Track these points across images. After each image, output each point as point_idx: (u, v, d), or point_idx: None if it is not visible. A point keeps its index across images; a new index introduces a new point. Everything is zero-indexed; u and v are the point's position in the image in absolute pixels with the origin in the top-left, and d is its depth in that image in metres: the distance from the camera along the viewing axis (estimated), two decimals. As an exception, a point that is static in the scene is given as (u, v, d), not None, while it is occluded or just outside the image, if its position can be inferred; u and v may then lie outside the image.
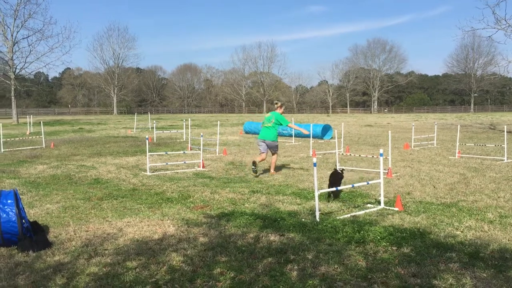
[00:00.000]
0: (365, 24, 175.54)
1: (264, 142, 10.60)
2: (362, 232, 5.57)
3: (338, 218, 6.32)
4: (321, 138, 20.62)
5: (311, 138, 15.43)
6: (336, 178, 7.88)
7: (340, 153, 12.63)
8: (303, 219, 6.27)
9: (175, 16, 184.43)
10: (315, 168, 6.19)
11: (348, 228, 5.75)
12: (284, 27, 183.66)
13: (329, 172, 10.51)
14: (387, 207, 6.95)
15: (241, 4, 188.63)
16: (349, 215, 6.53)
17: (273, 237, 5.48)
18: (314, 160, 6.23)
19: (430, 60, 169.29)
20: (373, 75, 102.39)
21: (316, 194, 6.24)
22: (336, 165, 10.98)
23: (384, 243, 5.19)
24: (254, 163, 10.28)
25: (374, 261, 4.67)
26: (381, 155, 7.34)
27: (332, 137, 21.01)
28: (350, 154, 13.20)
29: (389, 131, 11.73)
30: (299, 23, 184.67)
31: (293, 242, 5.27)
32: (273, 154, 10.74)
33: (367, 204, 7.30)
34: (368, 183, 7.70)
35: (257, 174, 10.34)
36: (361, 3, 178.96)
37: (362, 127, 32.62)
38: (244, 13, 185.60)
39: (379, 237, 5.37)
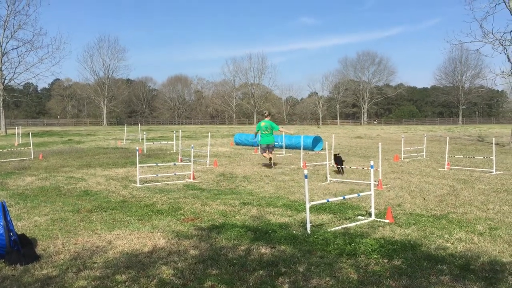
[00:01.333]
0: (355, 37, 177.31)
1: (268, 146, 14.04)
2: (353, 244, 5.56)
3: (329, 230, 6.31)
4: (312, 149, 20.65)
5: (301, 150, 15.45)
6: (339, 159, 11.94)
7: (331, 165, 12.65)
8: (294, 231, 6.25)
9: (166, 27, 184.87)
10: (306, 180, 6.19)
11: (339, 240, 5.74)
12: (275, 38, 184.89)
13: (319, 183, 10.55)
14: (378, 219, 6.96)
15: (233, 16, 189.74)
16: (340, 227, 6.52)
17: (264, 250, 5.45)
18: (305, 172, 6.23)
19: (418, 72, 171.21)
20: (363, 87, 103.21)
21: (307, 206, 6.23)
22: (326, 176, 11.00)
23: (375, 256, 5.19)
24: (270, 159, 13.95)
25: (365, 273, 4.66)
26: (371, 167, 7.37)
27: (322, 149, 21.06)
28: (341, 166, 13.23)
29: (379, 143, 11.79)
30: (290, 35, 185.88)
31: (284, 255, 5.24)
32: (271, 152, 14.13)
33: (358, 216, 7.30)
34: (358, 195, 7.71)
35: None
36: (352, 16, 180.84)
37: (352, 138, 32.78)
38: (235, 25, 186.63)
39: (370, 250, 5.37)
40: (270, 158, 14.04)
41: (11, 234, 5.09)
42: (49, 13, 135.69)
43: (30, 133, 23.52)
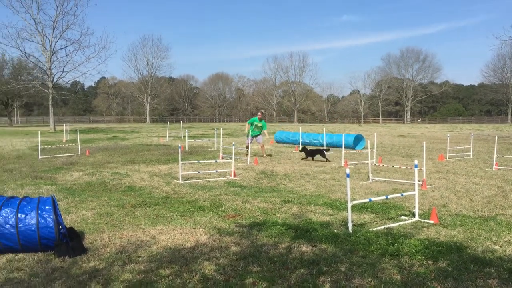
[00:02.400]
0: (398, 33, 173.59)
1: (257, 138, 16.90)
2: (396, 244, 5.46)
3: (371, 230, 6.22)
4: (353, 148, 20.40)
5: (343, 148, 15.29)
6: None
7: (373, 164, 12.46)
8: (335, 230, 6.20)
9: (208, 26, 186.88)
10: (347, 178, 6.12)
11: (382, 240, 5.65)
12: (316, 36, 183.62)
13: (361, 182, 10.41)
14: (422, 220, 6.80)
15: (274, 14, 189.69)
16: (382, 227, 6.41)
17: (305, 248, 5.43)
18: (347, 170, 6.16)
19: (465, 69, 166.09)
20: (406, 84, 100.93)
21: (349, 205, 6.16)
22: (368, 175, 10.84)
23: (420, 257, 5.08)
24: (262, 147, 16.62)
25: (409, 275, 4.57)
26: (415, 166, 7.20)
27: (364, 147, 20.77)
28: (383, 165, 13.00)
29: (424, 142, 11.51)
30: (332, 32, 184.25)
31: (325, 254, 5.21)
32: (263, 145, 17.00)
33: (401, 216, 7.16)
34: (402, 195, 7.55)
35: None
36: (394, 12, 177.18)
37: (395, 137, 32.13)
38: (276, 23, 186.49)
39: (414, 251, 5.26)
40: (262, 146, 16.98)
41: (60, 227, 5.29)
42: (96, 13, 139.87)
43: (78, 130, 24.33)
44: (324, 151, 15.85)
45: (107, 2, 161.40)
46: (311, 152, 15.88)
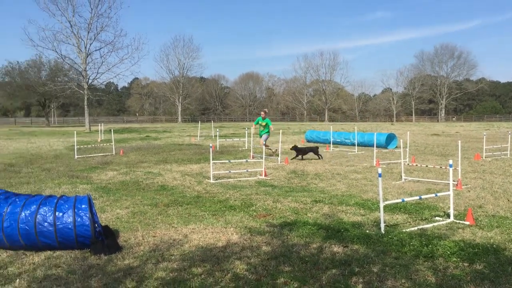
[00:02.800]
0: (432, 30, 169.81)
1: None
2: (430, 246, 5.37)
3: (404, 230, 6.13)
4: (385, 147, 20.12)
5: (374, 148, 15.10)
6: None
7: (406, 163, 12.26)
8: (367, 231, 6.14)
9: (238, 25, 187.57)
10: (379, 178, 6.05)
11: (416, 241, 5.56)
12: (347, 34, 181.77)
13: (394, 182, 10.26)
14: (457, 221, 6.66)
15: (303, 12, 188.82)
16: (416, 228, 6.31)
17: (337, 248, 5.40)
18: (379, 170, 6.09)
19: (502, 66, 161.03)
20: (441, 82, 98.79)
21: (381, 205, 6.09)
22: (401, 175, 10.68)
23: (455, 259, 4.97)
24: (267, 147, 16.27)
25: (444, 277, 4.48)
26: (450, 165, 7.05)
27: (396, 147, 20.45)
28: (416, 165, 12.78)
29: (459, 141, 11.24)
30: (364, 30, 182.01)
31: (357, 254, 5.17)
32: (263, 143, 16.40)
33: (435, 217, 7.03)
34: (436, 195, 7.41)
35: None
36: (428, 8, 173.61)
37: (429, 136, 31.50)
38: (306, 21, 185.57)
39: (449, 252, 5.15)
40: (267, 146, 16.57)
41: (96, 225, 5.43)
42: (129, 15, 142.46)
43: (112, 130, 24.84)
44: (317, 148, 16.13)
45: (139, 4, 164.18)
46: (302, 151, 15.91)
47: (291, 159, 15.67)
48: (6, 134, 36.82)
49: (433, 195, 7.43)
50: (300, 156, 15.75)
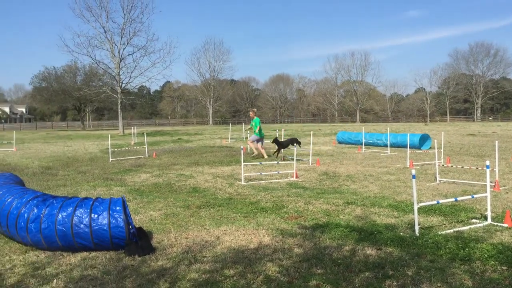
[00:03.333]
0: (467, 28, 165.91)
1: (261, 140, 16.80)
2: (467, 249, 5.23)
3: (439, 233, 5.99)
4: (419, 148, 19.73)
5: (408, 148, 14.83)
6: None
7: (440, 164, 11.99)
8: (401, 233, 6.03)
9: (267, 27, 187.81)
10: (414, 180, 5.94)
11: (452, 244, 5.43)
12: (379, 34, 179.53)
13: (428, 184, 10.05)
14: (495, 223, 6.46)
15: (334, 12, 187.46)
16: (452, 230, 6.16)
17: (370, 251, 5.33)
18: (413, 171, 5.98)
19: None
20: (476, 81, 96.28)
21: (416, 207, 5.97)
22: (435, 176, 10.46)
23: (493, 262, 4.83)
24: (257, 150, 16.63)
25: (481, 281, 4.36)
26: (487, 166, 6.86)
27: (430, 147, 20.04)
28: (452, 165, 12.48)
29: (496, 141, 10.92)
30: (395, 29, 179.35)
31: (391, 257, 5.08)
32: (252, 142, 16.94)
33: (472, 219, 6.84)
34: (473, 197, 7.21)
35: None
36: (461, 6, 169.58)
37: (464, 136, 30.73)
38: (337, 21, 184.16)
39: (486, 255, 5.01)
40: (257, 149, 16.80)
41: (130, 227, 5.53)
42: (160, 19, 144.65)
43: (145, 133, 25.26)
44: (296, 139, 16.86)
45: (170, 7, 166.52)
46: (283, 143, 16.59)
47: (273, 154, 16.56)
48: (44, 138, 37.95)
49: (470, 196, 7.23)
50: (282, 150, 16.57)
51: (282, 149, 16.70)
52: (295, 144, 16.16)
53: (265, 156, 16.33)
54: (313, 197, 8.84)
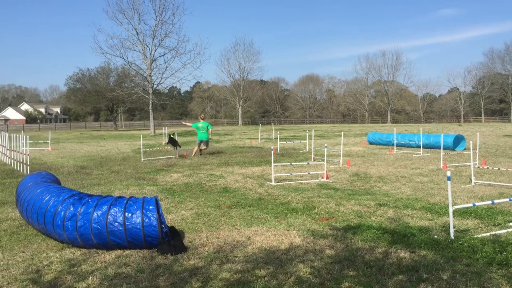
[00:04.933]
0: (502, 26, 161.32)
1: (202, 141, 18.08)
2: (504, 253, 5.09)
3: (475, 236, 5.85)
4: (453, 149, 19.30)
5: (441, 150, 14.53)
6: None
7: (476, 166, 11.70)
8: (435, 236, 5.91)
9: (297, 27, 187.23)
10: (449, 181, 5.81)
11: (488, 248, 5.29)
12: (411, 33, 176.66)
13: (463, 186, 9.81)
14: (534, 227, 6.27)
15: (364, 12, 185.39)
16: (488, 233, 6.00)
17: (403, 254, 5.24)
18: (448, 173, 5.85)
19: None
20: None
21: (451, 209, 5.84)
22: (471, 178, 10.23)
23: (532, 267, 4.68)
24: (201, 150, 18.26)
25: (520, 286, 4.23)
26: (526, 169, 6.65)
27: (465, 149, 19.57)
28: (488, 167, 12.16)
29: (534, 142, 10.59)
30: (428, 28, 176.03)
31: (425, 260, 4.99)
32: (207, 147, 18.54)
33: (509, 222, 6.65)
34: (510, 200, 7.01)
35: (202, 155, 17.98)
36: (497, 3, 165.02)
37: (500, 137, 29.87)
38: (367, 21, 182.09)
39: (525, 260, 4.86)
40: (204, 149, 18.40)
41: (162, 226, 5.60)
42: (191, 21, 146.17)
43: (175, 133, 25.54)
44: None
45: (201, 9, 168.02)
46: (175, 142, 19.59)
47: (169, 143, 18.89)
48: (78, 138, 38.87)
49: (507, 199, 7.04)
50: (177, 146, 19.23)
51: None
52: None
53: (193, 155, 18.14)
54: (344, 198, 8.77)
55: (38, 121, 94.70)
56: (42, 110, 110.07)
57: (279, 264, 4.96)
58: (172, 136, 18.61)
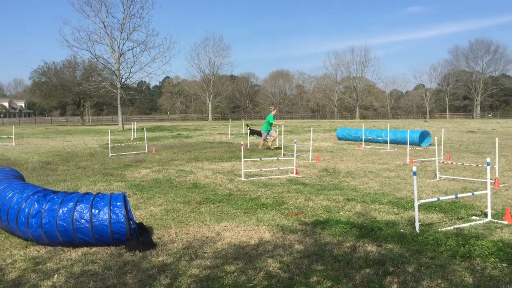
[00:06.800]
0: (467, 25, 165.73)
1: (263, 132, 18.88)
2: (467, 246, 5.24)
3: (440, 230, 6.00)
4: (419, 145, 19.74)
5: (408, 145, 14.83)
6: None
7: (440, 161, 12.00)
8: (401, 230, 6.04)
9: (267, 23, 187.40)
10: (414, 176, 5.94)
11: (452, 241, 5.44)
12: (379, 30, 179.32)
13: (428, 180, 10.06)
14: (495, 220, 6.48)
15: (334, 8, 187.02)
16: (452, 227, 6.17)
17: (370, 247, 5.34)
18: (414, 168, 5.98)
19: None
20: (476, 78, 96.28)
21: (416, 204, 5.97)
22: (436, 173, 10.49)
23: (493, 259, 4.84)
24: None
25: (482, 278, 4.37)
26: (488, 164, 6.86)
27: (430, 144, 20.05)
28: (451, 162, 12.50)
29: (496, 138, 10.93)
30: (396, 25, 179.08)
31: (391, 254, 5.09)
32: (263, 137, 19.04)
33: (472, 216, 6.85)
34: (473, 194, 7.23)
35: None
36: (461, 3, 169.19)
37: (464, 133, 30.74)
38: (337, 17, 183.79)
39: (487, 252, 5.02)
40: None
41: (131, 222, 5.52)
42: (160, 15, 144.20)
43: (144, 128, 25.23)
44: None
45: (170, 3, 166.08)
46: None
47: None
48: (43, 133, 37.92)
49: (470, 193, 7.25)
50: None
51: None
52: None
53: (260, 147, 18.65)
54: (313, 193, 8.85)
55: (2, 115, 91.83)
56: (6, 104, 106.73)
57: (248, 260, 4.97)
58: (249, 127, 18.91)
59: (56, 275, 4.61)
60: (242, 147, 11.55)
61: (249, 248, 5.38)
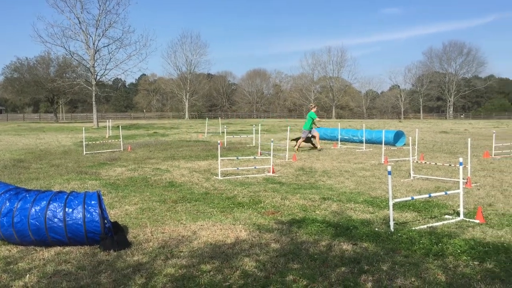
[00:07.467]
0: (441, 27, 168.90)
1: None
2: (440, 244, 5.34)
3: (414, 228, 6.10)
4: (393, 144, 20.03)
5: (383, 145, 15.03)
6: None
7: (414, 161, 12.19)
8: (376, 229, 6.11)
9: (245, 22, 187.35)
10: (389, 176, 6.02)
11: (425, 239, 5.53)
12: (355, 31, 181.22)
13: (402, 180, 10.21)
14: (467, 219, 6.61)
15: (311, 9, 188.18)
16: (425, 226, 6.28)
17: (346, 246, 5.39)
18: (389, 168, 6.06)
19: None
20: (449, 79, 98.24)
21: (391, 203, 6.06)
22: (410, 172, 10.66)
23: (465, 257, 4.94)
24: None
25: (454, 275, 4.45)
26: (460, 163, 7.00)
27: (405, 144, 20.36)
28: (425, 162, 12.71)
29: (468, 138, 11.16)
30: (371, 26, 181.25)
31: (366, 252, 5.15)
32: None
33: (445, 215, 6.98)
34: (446, 193, 7.37)
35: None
36: (436, 5, 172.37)
37: (437, 133, 31.32)
38: (313, 17, 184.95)
39: (459, 251, 5.12)
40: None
41: (105, 221, 5.45)
42: (137, 11, 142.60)
43: (120, 126, 24.92)
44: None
45: (147, 1, 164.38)
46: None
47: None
48: (15, 130, 37.06)
49: (443, 193, 7.39)
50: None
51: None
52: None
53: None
54: (289, 192, 8.88)
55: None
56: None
57: (224, 259, 4.96)
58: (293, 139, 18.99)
59: (28, 275, 4.52)
60: (219, 145, 11.51)
61: (225, 247, 5.37)
